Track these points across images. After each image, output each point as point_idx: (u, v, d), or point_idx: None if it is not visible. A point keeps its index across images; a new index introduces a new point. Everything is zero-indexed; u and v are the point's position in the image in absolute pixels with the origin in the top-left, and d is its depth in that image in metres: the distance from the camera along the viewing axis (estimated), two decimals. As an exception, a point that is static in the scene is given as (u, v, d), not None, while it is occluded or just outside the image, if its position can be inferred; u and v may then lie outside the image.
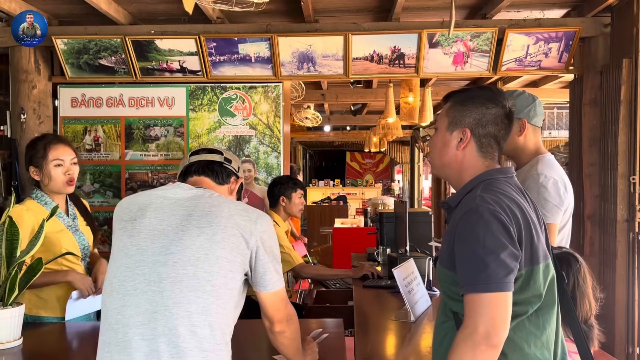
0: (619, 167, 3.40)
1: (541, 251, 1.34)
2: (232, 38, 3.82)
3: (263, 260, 1.39)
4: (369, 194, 12.29)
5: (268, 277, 1.40)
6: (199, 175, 1.54)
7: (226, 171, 1.56)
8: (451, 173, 1.49)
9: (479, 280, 1.24)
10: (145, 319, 1.29)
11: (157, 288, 1.30)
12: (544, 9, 3.86)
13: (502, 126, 1.44)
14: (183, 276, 1.30)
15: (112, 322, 1.32)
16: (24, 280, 1.86)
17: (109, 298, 1.35)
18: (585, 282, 1.59)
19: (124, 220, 1.41)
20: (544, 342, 1.33)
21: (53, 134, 2.80)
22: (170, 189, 1.46)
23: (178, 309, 1.28)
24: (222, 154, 1.59)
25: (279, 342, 1.50)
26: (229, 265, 1.34)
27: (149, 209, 1.40)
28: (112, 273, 1.37)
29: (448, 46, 3.78)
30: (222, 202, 1.41)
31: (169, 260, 1.31)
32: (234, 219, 1.36)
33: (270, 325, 1.47)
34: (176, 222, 1.36)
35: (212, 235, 1.33)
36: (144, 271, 1.32)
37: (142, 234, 1.36)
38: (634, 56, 3.32)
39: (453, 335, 1.33)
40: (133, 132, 4.09)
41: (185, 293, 1.29)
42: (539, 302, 1.32)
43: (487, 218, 1.28)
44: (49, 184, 2.26)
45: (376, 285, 2.85)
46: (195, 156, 1.57)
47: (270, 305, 1.43)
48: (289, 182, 3.06)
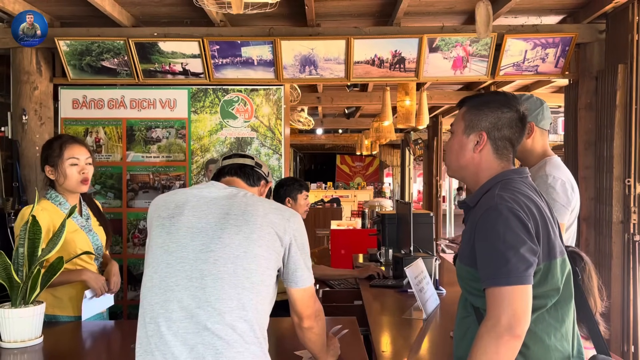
0: (615, 169, 3.49)
1: (557, 247, 1.40)
2: (235, 41, 3.86)
3: (295, 256, 1.44)
4: (361, 197, 12.37)
5: (299, 274, 1.45)
6: (231, 176, 1.60)
7: (257, 174, 1.63)
8: (468, 174, 1.54)
9: (501, 274, 1.30)
10: (188, 313, 1.33)
11: (199, 284, 1.34)
12: (541, 15, 3.96)
13: (516, 129, 1.51)
14: (224, 273, 1.34)
15: (154, 316, 1.36)
16: (44, 279, 1.88)
17: (149, 293, 1.38)
18: (590, 280, 1.65)
19: (161, 217, 1.45)
20: (563, 334, 1.39)
21: (68, 134, 2.84)
22: (205, 187, 1.51)
23: (220, 304, 1.33)
24: (253, 158, 1.66)
25: (307, 337, 1.54)
26: (266, 262, 1.39)
27: (187, 206, 1.44)
28: (152, 269, 1.40)
29: (448, 51, 3.86)
30: (257, 200, 1.46)
31: (210, 257, 1.36)
32: (268, 217, 1.41)
33: (300, 322, 1.51)
34: (214, 221, 1.40)
35: (250, 234, 1.38)
36: (185, 268, 1.36)
37: (180, 231, 1.40)
38: (629, 62, 3.42)
39: (475, 328, 1.39)
40: (134, 134, 4.11)
41: (226, 289, 1.34)
42: (557, 295, 1.39)
43: (507, 215, 1.34)
44: (64, 183, 2.29)
45: (383, 285, 2.91)
46: (229, 160, 1.64)
47: (300, 301, 1.47)
48: (294, 184, 3.11)
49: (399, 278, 2.95)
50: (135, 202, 4.07)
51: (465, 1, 3.70)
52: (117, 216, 4.02)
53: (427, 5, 3.77)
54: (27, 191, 3.88)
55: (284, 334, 2.03)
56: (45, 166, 2.31)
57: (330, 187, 13.37)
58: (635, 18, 3.37)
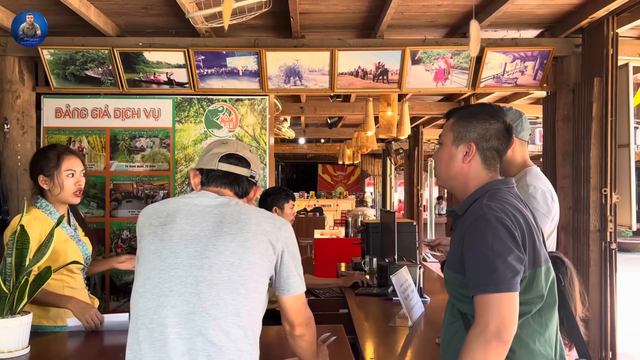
0: (592, 179, 3.59)
1: (542, 255, 1.46)
2: (221, 51, 3.88)
3: (287, 264, 1.46)
4: (343, 206, 12.43)
5: (291, 281, 1.47)
6: (223, 187, 1.55)
7: (249, 184, 1.60)
8: (457, 184, 1.59)
9: (489, 281, 1.35)
10: (182, 319, 1.34)
11: (194, 290, 1.35)
12: (520, 29, 4.07)
13: (503, 140, 1.56)
14: (219, 280, 1.36)
15: (147, 322, 1.36)
16: (32, 289, 1.87)
17: (141, 299, 1.39)
18: (571, 285, 1.70)
19: (153, 225, 1.45)
20: (547, 339, 1.44)
21: (62, 145, 2.82)
22: (196, 197, 1.51)
23: (215, 310, 1.34)
24: (249, 165, 1.60)
25: (299, 345, 1.56)
26: (260, 270, 1.41)
27: (179, 214, 1.45)
28: (144, 275, 1.41)
29: (430, 63, 3.94)
30: (249, 209, 1.48)
31: (205, 264, 1.37)
32: (262, 226, 1.43)
33: (291, 329, 1.53)
34: (208, 228, 1.41)
35: (244, 242, 1.40)
36: (179, 274, 1.37)
37: (174, 238, 1.41)
38: (604, 75, 3.53)
39: (462, 334, 1.43)
40: (118, 143, 4.09)
41: (221, 295, 1.36)
42: (542, 302, 1.44)
43: (494, 224, 1.39)
44: (59, 194, 2.28)
45: (368, 293, 2.94)
46: (226, 165, 1.56)
47: (292, 308, 1.50)
48: (281, 193, 3.13)
49: (384, 286, 2.99)
50: (118, 211, 4.05)
51: (447, 15, 3.79)
52: (100, 226, 3.99)
53: (409, 18, 3.85)
54: (9, 200, 3.83)
55: (272, 342, 2.05)
56: (40, 176, 2.29)
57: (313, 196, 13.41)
58: (610, 33, 3.49)
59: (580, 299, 1.70)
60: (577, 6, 3.57)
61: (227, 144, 1.60)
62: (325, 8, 3.64)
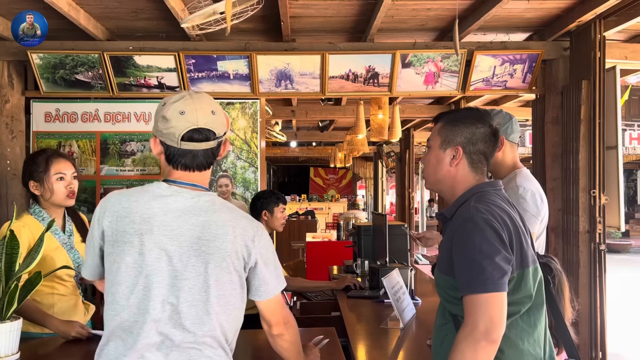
0: (580, 181, 3.63)
1: (530, 256, 1.47)
2: (211, 55, 3.89)
3: (260, 274, 1.47)
4: (335, 209, 12.44)
5: (263, 288, 1.48)
6: (191, 170, 1.46)
7: (217, 148, 1.49)
8: (445, 187, 1.61)
9: (478, 282, 1.36)
10: (164, 336, 1.38)
11: (176, 310, 1.38)
12: (509, 32, 4.10)
13: (490, 143, 1.58)
14: (198, 301, 1.39)
15: (124, 337, 1.39)
16: (22, 294, 1.86)
17: (124, 311, 1.40)
18: (562, 285, 1.71)
19: (128, 234, 1.40)
20: (536, 339, 1.45)
21: (52, 149, 2.79)
22: (169, 195, 1.43)
23: (195, 327, 1.38)
24: (215, 134, 1.45)
25: (279, 345, 1.57)
26: (236, 286, 1.43)
27: (155, 222, 1.40)
28: (127, 288, 1.39)
29: (420, 66, 3.96)
30: (226, 221, 1.43)
31: (185, 285, 1.39)
32: (237, 243, 1.43)
33: (269, 329, 1.54)
34: (187, 245, 1.40)
35: (221, 262, 1.40)
36: (161, 292, 1.38)
37: (153, 252, 1.39)
38: (592, 78, 3.57)
39: (453, 336, 1.44)
40: (109, 147, 4.08)
41: (200, 315, 1.39)
42: (530, 302, 1.45)
43: (482, 226, 1.40)
44: (50, 198, 2.27)
45: (360, 296, 2.95)
46: (189, 144, 1.43)
47: (266, 309, 1.52)
48: (271, 197, 3.13)
49: (376, 289, 2.99)
50: (109, 216, 4.03)
51: (437, 18, 3.81)
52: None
53: (399, 22, 3.88)
54: None
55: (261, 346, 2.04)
56: (30, 182, 2.28)
57: (305, 200, 13.41)
58: (597, 36, 3.53)
59: (570, 304, 1.71)
60: (565, 10, 3.60)
61: (186, 114, 1.41)
62: (315, 12, 3.66)
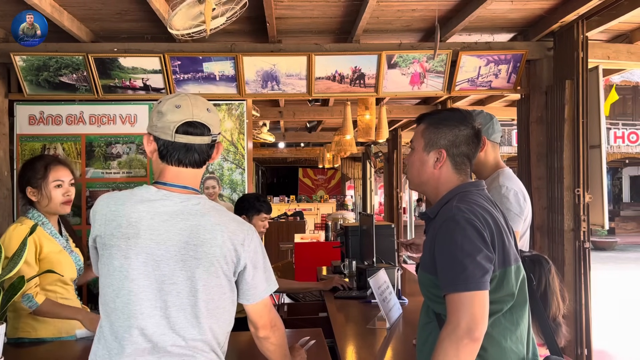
0: (565, 180, 3.66)
1: (512, 254, 1.48)
2: (197, 57, 3.87)
3: (248, 277, 1.46)
4: (324, 210, 12.44)
5: (251, 292, 1.48)
6: (184, 166, 1.45)
7: (211, 148, 1.48)
8: (429, 189, 1.62)
9: (459, 280, 1.37)
10: (151, 340, 1.37)
11: (164, 314, 1.38)
12: (493, 33, 4.14)
13: (472, 145, 1.60)
14: (187, 305, 1.38)
15: (118, 338, 1.38)
16: (5, 299, 1.85)
17: (112, 314, 1.40)
18: (554, 281, 1.73)
19: (115, 237, 1.40)
20: (518, 337, 1.47)
21: (50, 154, 2.74)
22: (158, 200, 1.43)
23: (184, 332, 1.38)
24: (210, 129, 1.45)
25: (265, 347, 1.57)
26: (222, 289, 1.43)
27: (142, 226, 1.39)
28: (113, 291, 1.40)
29: (406, 67, 3.98)
30: (215, 224, 1.42)
31: (173, 290, 1.38)
32: (226, 247, 1.41)
33: (255, 331, 1.55)
34: (174, 250, 1.39)
35: (209, 267, 1.39)
36: (148, 297, 1.38)
37: (140, 257, 1.38)
38: (575, 78, 3.61)
39: (436, 334, 1.45)
40: (94, 150, 4.05)
41: (189, 319, 1.38)
42: (512, 300, 1.46)
43: (464, 225, 1.42)
44: (47, 205, 2.26)
45: (347, 297, 2.95)
46: (184, 137, 1.43)
47: (253, 312, 1.51)
48: (255, 204, 3.01)
49: (363, 289, 3.00)
50: (95, 219, 4.00)
51: (422, 19, 3.83)
52: (77, 234, 3.94)
53: (385, 23, 3.89)
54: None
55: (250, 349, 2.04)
56: (27, 187, 2.26)
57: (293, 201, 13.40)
58: (580, 36, 3.57)
59: (561, 296, 1.73)
60: (548, 10, 3.64)
61: (182, 108, 1.42)
62: (301, 13, 3.66)
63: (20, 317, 2.21)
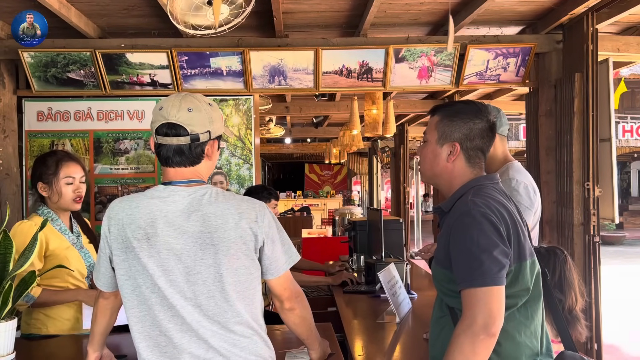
0: (574, 174, 3.64)
1: (527, 249, 1.47)
2: (204, 52, 3.87)
3: (268, 252, 1.49)
4: (330, 205, 12.43)
5: (273, 266, 1.50)
6: (178, 166, 1.48)
7: (199, 145, 1.48)
8: (442, 182, 1.61)
9: (476, 276, 1.36)
10: (191, 328, 1.42)
11: (195, 303, 1.42)
12: (501, 26, 4.11)
13: (487, 139, 1.57)
14: (214, 291, 1.42)
15: (164, 330, 1.43)
16: (16, 294, 1.85)
17: (151, 310, 1.43)
18: (571, 272, 1.71)
19: (136, 239, 1.44)
20: (533, 332, 1.45)
21: (63, 150, 2.74)
22: (167, 197, 1.47)
23: (218, 317, 1.43)
24: (186, 130, 1.45)
25: (291, 321, 1.59)
26: (248, 270, 1.46)
27: (158, 224, 1.44)
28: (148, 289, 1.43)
29: (413, 61, 3.95)
30: (225, 209, 1.45)
31: (199, 279, 1.42)
32: (240, 228, 1.44)
33: (281, 304, 1.57)
34: (192, 240, 1.43)
35: (227, 250, 1.43)
36: (178, 289, 1.42)
37: (161, 253, 1.43)
38: (584, 71, 3.58)
39: (449, 328, 1.44)
40: (102, 146, 4.06)
41: (220, 304, 1.43)
42: (527, 295, 1.45)
43: (479, 220, 1.40)
44: (58, 201, 2.27)
45: (356, 291, 2.95)
46: (162, 138, 1.47)
47: (277, 286, 1.53)
48: (263, 192, 3.12)
49: (372, 284, 3.00)
50: (103, 214, 4.01)
51: (430, 13, 3.81)
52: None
53: (392, 16, 3.87)
54: (-4, 205, 3.78)
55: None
56: (38, 183, 2.27)
57: (300, 196, 13.41)
58: (589, 29, 3.53)
59: (579, 289, 1.70)
60: (557, 3, 3.61)
61: (162, 110, 1.47)
62: (308, 7, 3.65)
63: (31, 313, 2.22)
